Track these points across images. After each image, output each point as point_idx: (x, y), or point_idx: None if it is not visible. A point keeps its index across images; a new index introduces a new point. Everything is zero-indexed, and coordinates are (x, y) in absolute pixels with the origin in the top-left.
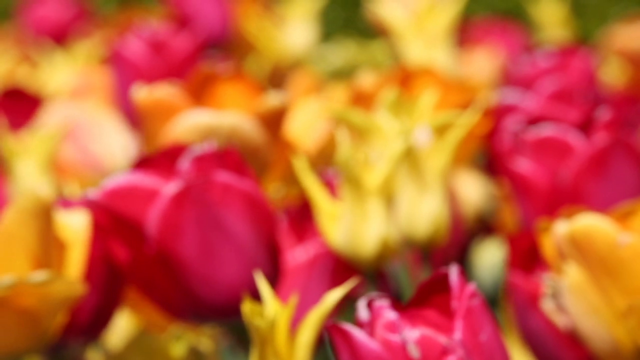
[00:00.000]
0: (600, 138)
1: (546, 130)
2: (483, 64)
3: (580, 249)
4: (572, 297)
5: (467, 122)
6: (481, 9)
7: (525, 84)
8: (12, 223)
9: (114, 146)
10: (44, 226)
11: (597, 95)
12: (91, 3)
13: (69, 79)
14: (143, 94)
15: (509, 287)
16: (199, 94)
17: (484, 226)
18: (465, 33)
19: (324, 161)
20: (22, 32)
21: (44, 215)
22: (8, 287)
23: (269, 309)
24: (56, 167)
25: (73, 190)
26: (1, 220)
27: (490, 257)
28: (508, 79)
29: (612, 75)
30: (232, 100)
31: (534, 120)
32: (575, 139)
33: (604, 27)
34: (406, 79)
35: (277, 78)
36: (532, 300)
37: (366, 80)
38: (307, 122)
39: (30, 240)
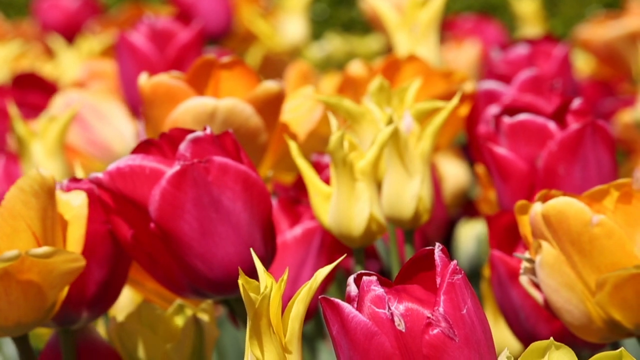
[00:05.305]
0: (573, 122)
1: (523, 115)
2: (465, 57)
3: (554, 228)
4: (545, 273)
5: (450, 107)
6: (463, 7)
7: (504, 72)
8: (15, 201)
9: (119, 131)
10: (46, 205)
11: (570, 83)
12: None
13: (78, 69)
14: (147, 80)
15: (490, 263)
16: (200, 81)
17: (466, 206)
18: (447, 29)
19: (317, 145)
20: (35, 26)
21: (46, 195)
22: (11, 259)
23: (263, 284)
24: (66, 151)
25: (81, 172)
26: (5, 199)
27: (472, 235)
28: (488, 68)
29: (580, 66)
30: (232, 87)
31: (511, 106)
32: (549, 123)
33: (578, 25)
34: (394, 67)
35: (273, 67)
36: (512, 276)
37: (357, 68)
38: (301, 108)
39: (33, 217)
